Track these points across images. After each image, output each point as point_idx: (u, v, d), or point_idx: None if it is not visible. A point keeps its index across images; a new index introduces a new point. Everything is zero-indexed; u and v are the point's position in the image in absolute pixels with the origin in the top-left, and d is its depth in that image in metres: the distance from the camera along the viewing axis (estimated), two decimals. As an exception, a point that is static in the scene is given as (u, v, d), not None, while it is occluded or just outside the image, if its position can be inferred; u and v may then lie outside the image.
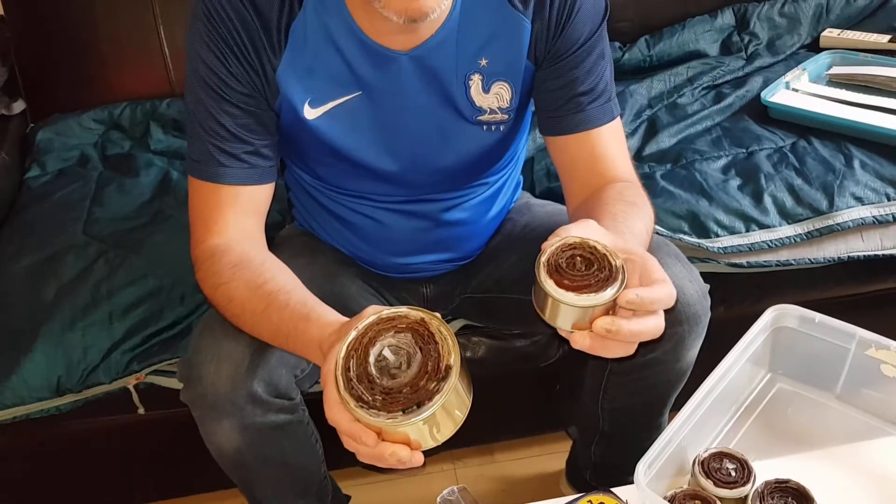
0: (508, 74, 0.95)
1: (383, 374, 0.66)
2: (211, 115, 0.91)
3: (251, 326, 0.88)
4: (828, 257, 1.29)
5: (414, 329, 0.67)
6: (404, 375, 0.65)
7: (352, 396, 0.65)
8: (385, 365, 0.66)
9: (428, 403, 0.64)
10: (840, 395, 1.02)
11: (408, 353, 0.66)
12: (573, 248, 0.70)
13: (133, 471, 1.36)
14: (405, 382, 0.65)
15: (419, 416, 0.64)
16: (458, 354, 0.66)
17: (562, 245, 0.71)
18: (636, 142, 1.51)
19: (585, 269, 0.69)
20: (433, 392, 0.64)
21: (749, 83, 1.62)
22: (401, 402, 0.64)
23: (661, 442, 0.86)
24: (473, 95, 0.95)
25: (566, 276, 0.69)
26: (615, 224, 0.82)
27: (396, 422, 0.64)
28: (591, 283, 0.68)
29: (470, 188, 1.08)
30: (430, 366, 0.65)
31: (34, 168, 1.52)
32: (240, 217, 0.94)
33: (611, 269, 0.69)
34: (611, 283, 0.68)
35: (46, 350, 1.16)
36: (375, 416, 0.64)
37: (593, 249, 0.70)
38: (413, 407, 0.64)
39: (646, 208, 0.91)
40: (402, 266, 1.13)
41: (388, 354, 0.66)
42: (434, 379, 0.65)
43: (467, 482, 1.45)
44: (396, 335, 0.67)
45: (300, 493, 1.09)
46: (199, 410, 0.93)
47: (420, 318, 0.67)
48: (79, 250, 1.29)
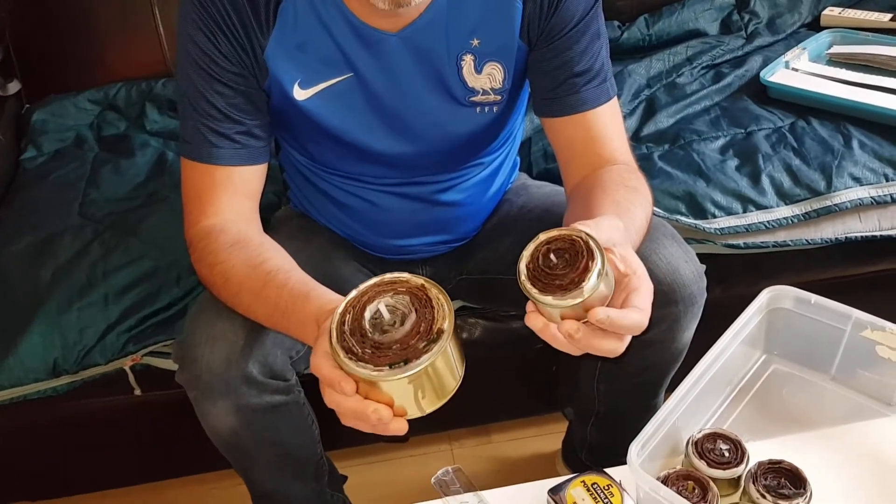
0: (501, 55, 0.94)
1: (376, 330, 0.66)
2: (202, 96, 0.90)
3: (247, 305, 0.88)
4: (825, 238, 1.29)
5: (413, 293, 0.67)
6: (396, 333, 0.66)
7: (342, 348, 0.66)
8: (379, 322, 0.67)
9: (415, 361, 0.64)
10: (835, 376, 1.02)
11: (403, 312, 0.67)
12: (568, 244, 0.68)
13: (130, 452, 1.37)
14: (396, 339, 0.65)
15: (405, 373, 0.64)
16: (451, 322, 0.66)
17: (565, 236, 0.69)
18: (634, 122, 1.50)
19: (563, 265, 0.68)
20: (422, 351, 0.64)
21: (748, 62, 1.61)
22: (389, 357, 0.65)
23: (654, 423, 0.86)
24: (466, 76, 0.94)
25: (541, 279, 0.68)
26: (619, 213, 0.81)
27: (381, 374, 0.64)
28: (562, 283, 0.67)
29: (465, 169, 1.08)
30: (423, 326, 0.65)
31: (30, 149, 1.52)
32: (234, 198, 0.94)
33: (581, 277, 0.67)
34: (587, 276, 0.66)
35: (43, 331, 1.16)
36: (363, 367, 0.65)
37: (572, 242, 0.68)
38: (400, 363, 0.64)
39: (645, 193, 0.90)
40: (398, 248, 1.13)
41: (383, 311, 0.67)
42: (425, 339, 0.65)
43: (463, 462, 1.46)
44: (395, 296, 0.67)
45: (296, 473, 1.09)
46: (194, 392, 0.93)
47: (420, 284, 0.68)
48: (75, 232, 1.29)
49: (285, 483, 1.09)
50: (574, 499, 0.85)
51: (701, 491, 0.85)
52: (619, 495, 0.84)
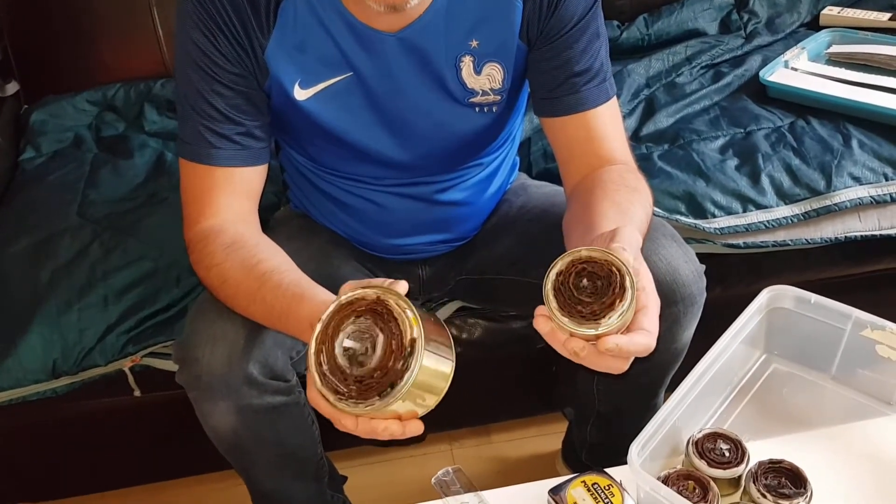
0: (500, 55, 0.94)
1: (353, 363, 0.67)
2: (201, 96, 0.90)
3: (245, 307, 0.88)
4: (825, 238, 1.29)
5: (373, 310, 0.67)
6: (372, 360, 0.66)
7: (329, 390, 0.67)
8: (353, 353, 0.67)
9: (399, 383, 0.65)
10: (835, 375, 1.02)
11: (371, 336, 0.67)
12: (605, 270, 0.68)
13: (129, 452, 1.37)
14: (374, 367, 0.66)
15: (394, 397, 0.65)
16: (419, 326, 0.66)
17: (595, 258, 0.69)
18: (634, 122, 1.50)
19: (591, 291, 0.68)
20: (402, 371, 0.65)
21: (748, 62, 1.61)
22: (374, 388, 0.66)
23: (654, 423, 0.86)
24: (465, 77, 0.94)
25: (565, 296, 0.68)
26: (620, 215, 0.82)
27: (374, 407, 0.65)
28: (582, 310, 0.67)
29: (464, 169, 1.07)
30: (395, 344, 0.66)
31: (28, 150, 1.52)
32: (233, 199, 0.94)
33: (604, 313, 0.67)
34: (609, 313, 0.67)
35: (42, 332, 1.16)
36: (354, 405, 0.66)
37: (610, 272, 0.68)
38: (387, 389, 0.65)
39: (645, 193, 0.90)
40: (398, 247, 1.13)
41: (351, 344, 0.67)
42: (401, 357, 0.65)
43: (464, 463, 1.46)
44: (357, 320, 0.68)
45: (296, 473, 1.09)
46: (194, 392, 0.93)
47: (376, 297, 0.68)
48: (74, 232, 1.29)
49: (286, 483, 1.09)
50: (574, 499, 0.85)
51: (701, 491, 0.85)
52: (620, 495, 0.84)
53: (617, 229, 0.74)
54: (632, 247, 0.72)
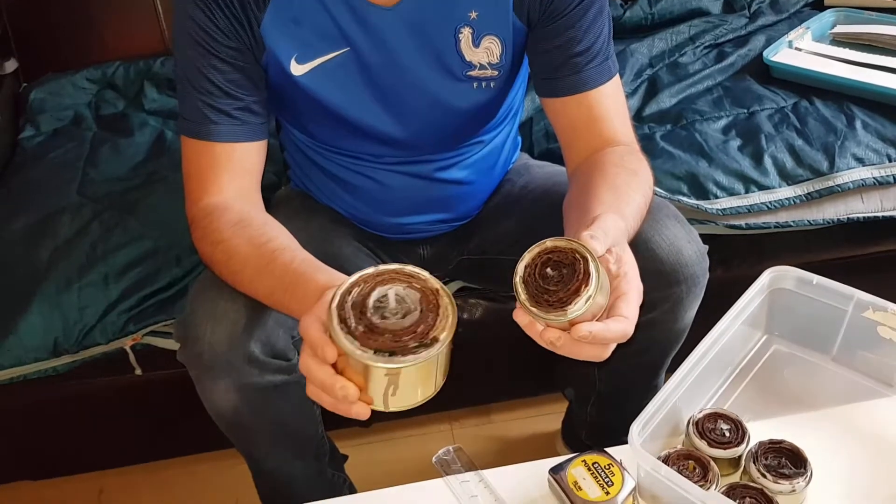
0: (499, 29, 0.93)
1: (377, 312, 0.66)
2: (200, 72, 0.90)
3: (249, 282, 0.87)
4: (827, 219, 1.29)
5: (425, 293, 0.68)
6: (394, 323, 0.66)
7: (338, 316, 0.66)
8: (383, 306, 0.66)
9: (399, 357, 0.64)
10: (836, 356, 1.01)
11: (409, 307, 0.67)
12: (569, 258, 0.68)
13: (130, 431, 1.37)
14: (391, 329, 0.65)
15: (386, 364, 0.64)
16: (450, 335, 0.66)
17: (559, 247, 0.69)
18: (636, 101, 1.50)
19: (557, 279, 0.68)
20: (409, 351, 0.65)
21: (751, 42, 1.60)
22: (377, 343, 0.64)
23: (655, 403, 0.86)
24: (463, 49, 0.93)
25: (533, 287, 0.68)
26: (616, 200, 0.82)
27: (363, 356, 0.64)
28: (549, 298, 0.67)
29: (465, 147, 1.07)
30: (422, 328, 0.66)
31: (28, 128, 1.51)
32: (235, 176, 0.93)
33: (570, 299, 0.67)
34: (575, 299, 0.67)
35: (43, 311, 1.16)
36: (349, 341, 0.64)
37: (574, 259, 0.68)
38: (385, 353, 0.64)
39: (646, 176, 0.90)
40: (399, 226, 1.13)
41: (391, 298, 0.67)
42: (417, 341, 0.65)
43: (464, 442, 1.47)
44: (408, 289, 0.68)
45: (297, 452, 1.09)
46: (195, 370, 0.93)
47: (436, 289, 0.68)
48: (74, 211, 1.28)
49: (286, 462, 1.09)
50: (575, 478, 0.85)
51: (701, 470, 0.85)
52: (620, 475, 0.85)
53: (597, 217, 0.73)
54: (609, 233, 0.71)
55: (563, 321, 0.68)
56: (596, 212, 0.79)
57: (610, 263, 0.70)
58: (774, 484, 0.83)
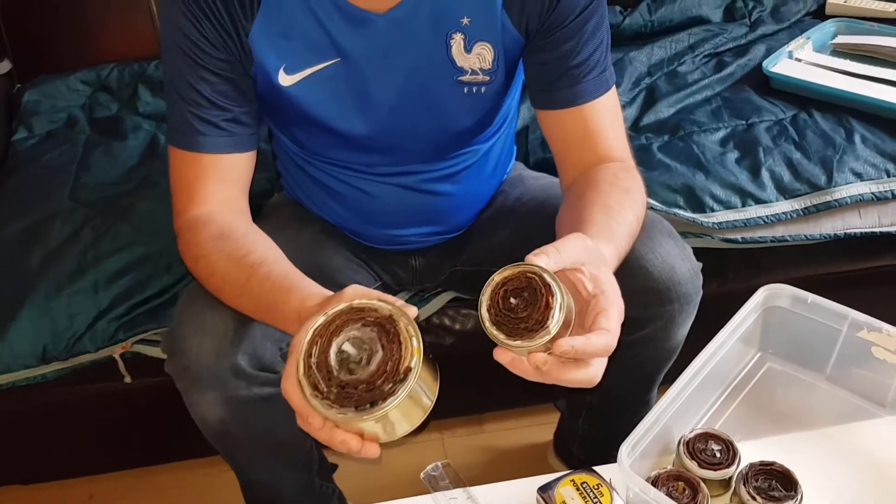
0: (491, 35, 0.92)
1: (342, 367, 0.66)
2: (187, 83, 0.89)
3: (232, 299, 0.87)
4: (824, 234, 1.28)
5: (381, 325, 0.67)
6: (362, 372, 0.65)
7: (309, 383, 0.66)
8: (346, 357, 0.66)
9: (381, 404, 0.64)
10: (830, 376, 1.01)
11: (370, 348, 0.66)
12: (525, 282, 0.67)
13: (120, 438, 1.37)
14: (362, 379, 0.65)
15: (370, 416, 0.64)
16: (419, 357, 0.65)
17: (520, 272, 0.68)
18: (634, 111, 1.49)
19: (523, 306, 0.67)
20: (388, 393, 0.64)
21: (751, 51, 1.59)
22: (354, 399, 0.64)
23: (646, 423, 0.86)
24: (455, 55, 0.92)
25: (495, 308, 0.68)
26: (608, 220, 0.81)
27: (346, 417, 0.64)
28: (527, 325, 0.66)
29: (457, 157, 1.06)
30: (390, 366, 0.65)
31: (21, 130, 1.50)
32: (221, 187, 0.93)
33: (540, 322, 0.66)
34: (549, 313, 0.66)
35: (32, 317, 1.15)
36: (328, 407, 0.65)
37: (528, 280, 0.67)
38: (367, 405, 0.64)
39: (639, 193, 0.89)
40: (391, 237, 1.12)
41: (348, 349, 0.66)
42: (391, 381, 0.65)
43: (455, 452, 1.46)
44: (363, 328, 0.67)
45: (286, 463, 1.09)
46: (182, 382, 0.92)
47: (388, 315, 0.67)
48: (65, 216, 1.28)
49: (274, 472, 1.09)
50: (563, 498, 0.84)
51: (691, 492, 0.85)
52: (609, 495, 0.84)
53: (562, 240, 0.72)
54: (563, 251, 0.70)
55: (547, 339, 0.66)
56: (587, 231, 0.78)
57: (585, 283, 0.69)
58: (764, 507, 0.83)
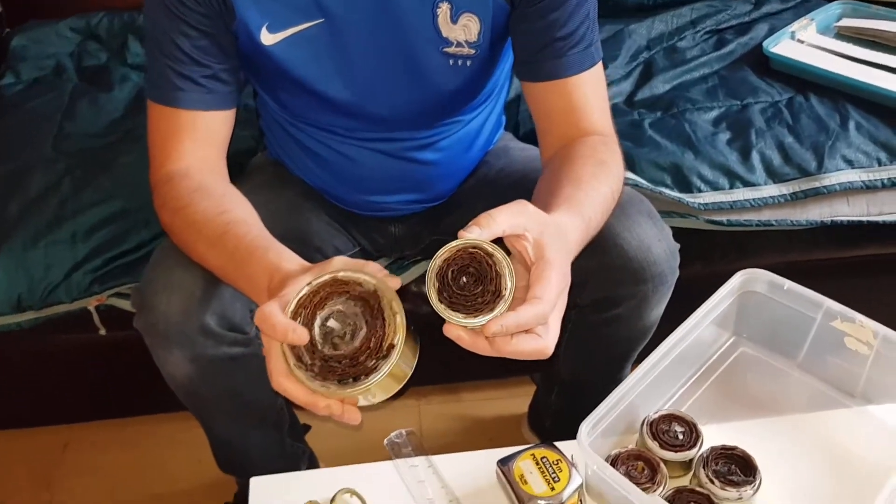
0: (477, 7, 0.90)
1: (326, 341, 0.66)
2: (168, 37, 0.87)
3: (202, 252, 0.85)
4: (811, 220, 1.26)
5: (365, 300, 0.67)
6: (346, 347, 0.66)
7: (293, 354, 0.66)
8: (329, 332, 0.67)
9: (363, 379, 0.65)
10: (802, 363, 1.00)
11: (354, 324, 0.67)
12: (468, 258, 0.66)
13: (95, 388, 1.37)
14: (345, 354, 0.66)
15: (353, 390, 0.65)
16: (403, 334, 0.66)
17: (459, 249, 0.66)
18: (629, 85, 1.47)
19: (472, 286, 0.66)
20: (371, 369, 0.65)
21: (754, 30, 1.56)
22: (337, 373, 0.65)
23: (609, 401, 0.85)
24: (440, 24, 0.90)
25: (447, 291, 0.66)
26: (576, 191, 0.79)
27: (329, 391, 0.65)
28: (469, 304, 0.65)
29: (441, 126, 1.04)
30: (374, 342, 0.66)
31: (8, 75, 1.49)
32: (198, 145, 0.92)
33: (496, 293, 0.65)
34: (488, 310, 0.65)
35: (7, 266, 1.15)
36: (311, 380, 0.65)
37: (487, 264, 0.66)
38: (349, 380, 0.65)
39: (616, 167, 0.88)
40: (371, 203, 1.11)
41: (333, 324, 0.67)
42: (374, 357, 0.65)
43: (430, 419, 1.46)
44: (347, 302, 0.67)
45: (255, 422, 1.09)
46: (150, 338, 0.92)
47: (373, 291, 0.67)
48: (47, 166, 1.27)
49: (243, 431, 1.09)
50: (522, 471, 0.84)
51: (650, 472, 0.85)
52: (568, 471, 0.84)
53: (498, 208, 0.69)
54: (497, 218, 0.67)
55: (506, 307, 0.65)
56: (555, 204, 0.77)
57: (528, 249, 0.68)
58: (721, 490, 0.83)
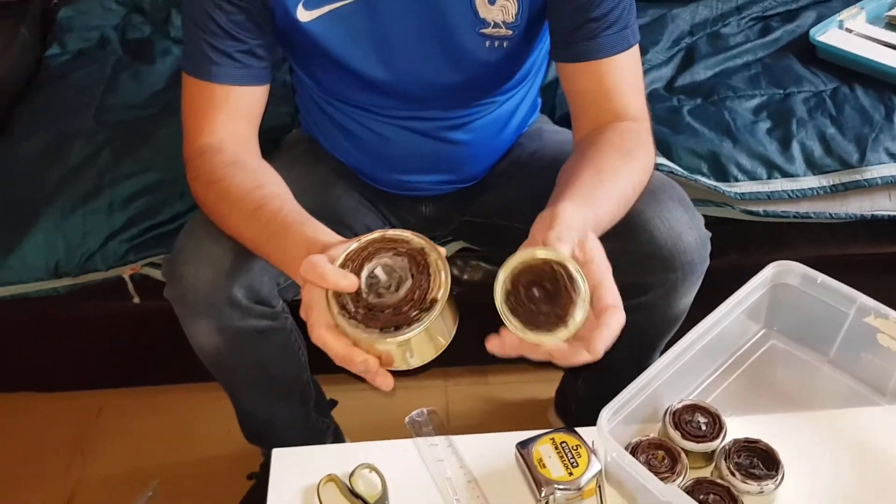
0: None
1: (371, 291, 0.67)
2: (204, 11, 0.88)
3: (235, 225, 0.86)
4: (850, 213, 1.23)
5: (412, 256, 0.68)
6: (391, 297, 0.67)
7: (336, 303, 0.67)
8: (375, 282, 0.68)
9: (405, 329, 0.66)
10: (833, 359, 0.98)
11: (400, 276, 0.68)
12: (542, 273, 0.67)
13: (129, 355, 1.40)
14: (389, 304, 0.67)
15: (394, 339, 0.66)
16: (447, 290, 0.67)
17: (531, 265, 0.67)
18: (670, 71, 1.45)
19: (543, 300, 0.67)
20: (413, 320, 0.66)
21: (801, 17, 1.53)
22: (380, 321, 0.66)
23: (631, 389, 0.85)
24: (478, 5, 0.90)
25: (520, 304, 0.67)
26: (593, 185, 0.79)
27: (371, 338, 0.66)
28: (538, 320, 0.67)
29: (475, 107, 1.04)
30: (417, 295, 0.67)
31: (54, 46, 1.52)
32: (231, 119, 0.92)
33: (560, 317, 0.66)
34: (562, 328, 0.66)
35: (47, 232, 1.18)
36: (354, 326, 0.66)
37: (560, 277, 0.67)
38: (391, 328, 0.66)
39: (642, 158, 0.87)
40: (402, 183, 1.11)
41: (379, 273, 0.68)
42: (417, 308, 0.66)
43: (457, 400, 1.47)
44: (394, 257, 0.68)
45: (280, 395, 1.10)
46: (179, 308, 0.94)
47: (420, 248, 0.69)
48: (87, 136, 1.29)
49: (269, 403, 1.11)
50: (540, 455, 0.84)
51: (671, 461, 0.84)
52: (587, 457, 0.84)
53: (556, 214, 0.70)
54: (573, 228, 0.69)
55: (567, 337, 0.67)
56: (574, 192, 0.77)
57: (575, 253, 0.68)
58: (742, 483, 0.82)
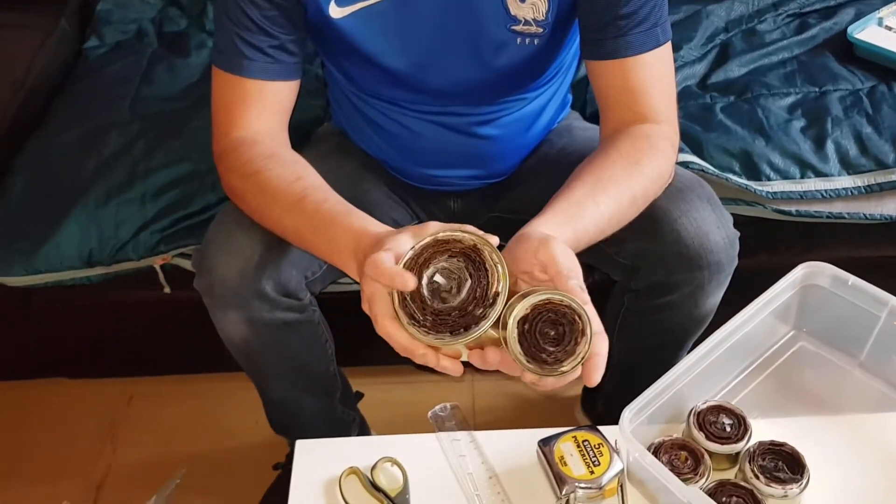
0: None
1: (434, 297, 0.69)
2: (237, 6, 0.89)
3: (278, 217, 0.86)
4: (885, 214, 1.21)
5: (466, 255, 0.70)
6: (454, 300, 0.69)
7: (405, 314, 0.69)
8: (437, 288, 0.69)
9: (474, 328, 0.68)
10: (863, 362, 0.97)
11: (459, 277, 0.69)
12: (558, 313, 0.68)
13: (160, 344, 1.43)
14: (454, 306, 0.68)
15: (465, 339, 0.68)
16: (506, 282, 0.68)
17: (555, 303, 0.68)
18: (703, 67, 1.43)
19: (552, 340, 0.68)
20: (480, 317, 0.68)
21: (839, 14, 1.50)
22: (449, 325, 0.68)
23: (655, 388, 0.84)
24: (509, 2, 0.90)
25: (528, 335, 0.68)
26: (588, 200, 0.82)
27: (444, 342, 0.68)
28: (540, 355, 0.68)
29: (504, 103, 1.04)
30: (479, 292, 0.68)
31: (93, 38, 1.54)
32: (263, 113, 0.93)
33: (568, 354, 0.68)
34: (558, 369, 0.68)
35: (80, 222, 1.20)
36: (426, 334, 0.68)
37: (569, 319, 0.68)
38: (460, 330, 0.68)
39: (650, 167, 0.87)
40: (431, 177, 1.11)
41: (440, 279, 0.69)
42: (481, 305, 0.68)
43: (483, 396, 1.47)
44: (450, 259, 0.70)
45: (307, 387, 1.11)
46: (208, 299, 0.95)
47: (473, 245, 0.70)
48: (122, 127, 1.31)
49: (295, 395, 1.12)
50: (562, 453, 0.84)
51: (693, 462, 0.83)
52: (609, 455, 0.83)
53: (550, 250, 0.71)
54: (578, 268, 0.71)
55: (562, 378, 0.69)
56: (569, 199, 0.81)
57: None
58: (766, 487, 0.81)
